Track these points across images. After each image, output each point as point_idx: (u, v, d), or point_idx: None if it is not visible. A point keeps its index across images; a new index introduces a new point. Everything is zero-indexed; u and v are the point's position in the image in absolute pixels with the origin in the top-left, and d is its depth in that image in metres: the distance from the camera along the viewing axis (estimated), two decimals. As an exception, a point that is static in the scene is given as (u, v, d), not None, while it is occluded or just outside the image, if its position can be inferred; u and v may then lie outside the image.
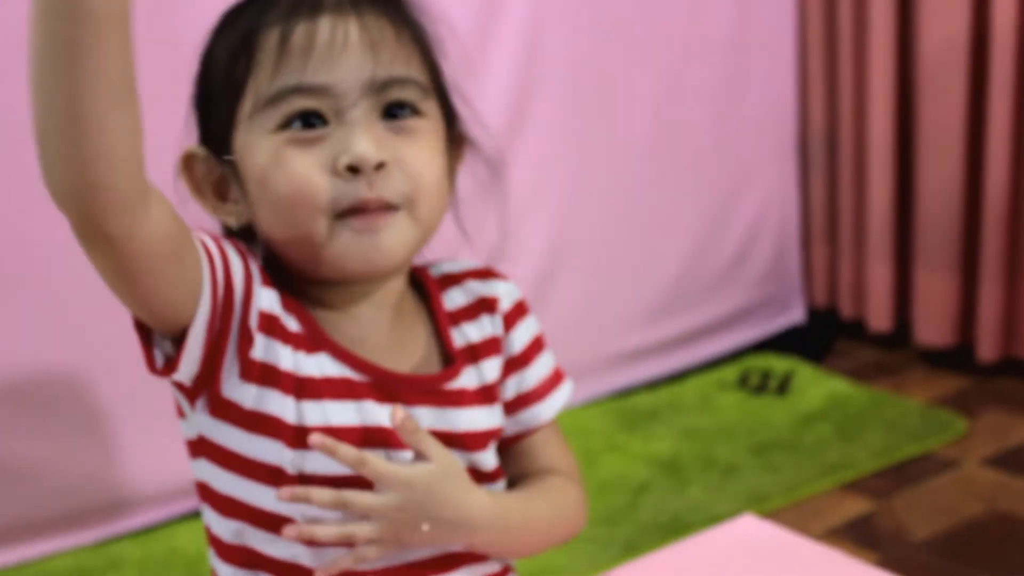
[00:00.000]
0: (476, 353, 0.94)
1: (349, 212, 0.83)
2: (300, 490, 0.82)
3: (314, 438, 0.81)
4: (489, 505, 0.88)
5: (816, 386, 2.15)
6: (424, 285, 0.95)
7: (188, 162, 0.89)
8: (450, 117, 0.92)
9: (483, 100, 0.99)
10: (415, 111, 0.86)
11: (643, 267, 2.22)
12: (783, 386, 2.15)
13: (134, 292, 0.76)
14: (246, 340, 0.82)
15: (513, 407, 0.96)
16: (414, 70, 0.86)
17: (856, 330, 2.41)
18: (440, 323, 0.94)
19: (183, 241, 0.77)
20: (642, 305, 2.23)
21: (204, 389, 0.83)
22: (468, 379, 0.92)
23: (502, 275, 0.99)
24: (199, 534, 1.65)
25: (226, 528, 0.87)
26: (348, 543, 0.83)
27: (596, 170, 2.14)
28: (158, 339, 0.81)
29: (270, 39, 0.83)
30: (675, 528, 1.65)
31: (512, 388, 0.96)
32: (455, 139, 0.93)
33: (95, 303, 1.61)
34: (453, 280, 0.97)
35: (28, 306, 1.59)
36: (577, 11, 2.06)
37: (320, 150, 0.83)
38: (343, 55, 0.83)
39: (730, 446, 1.91)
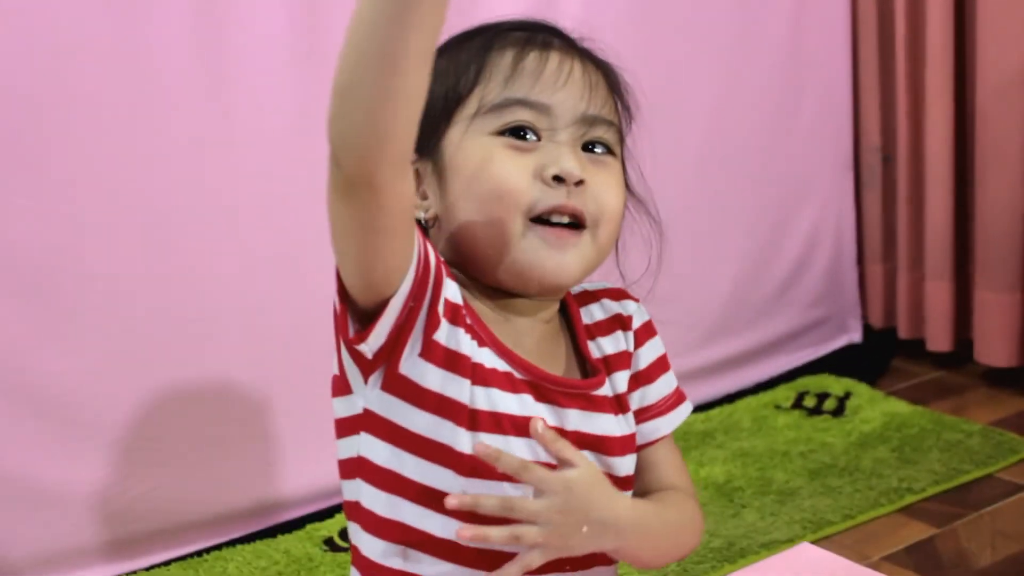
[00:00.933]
0: (610, 365, 1.02)
1: (543, 220, 0.93)
2: (468, 498, 0.87)
3: (479, 447, 0.86)
4: (633, 509, 0.94)
5: (874, 407, 2.10)
6: (565, 300, 1.03)
7: None
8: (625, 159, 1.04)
9: None
10: (609, 151, 0.98)
11: (695, 286, 2.18)
12: (840, 408, 2.11)
13: (368, 251, 0.83)
14: (433, 322, 0.89)
15: (636, 419, 1.03)
16: (615, 116, 0.99)
17: (915, 350, 2.36)
18: (579, 335, 1.02)
19: (413, 214, 0.86)
20: (695, 325, 2.20)
21: (382, 363, 0.89)
22: (606, 388, 1.00)
23: (633, 296, 1.08)
24: (249, 560, 1.65)
25: (382, 501, 0.92)
26: (514, 545, 0.87)
27: (646, 189, 2.12)
28: (351, 317, 0.88)
29: (504, 59, 0.95)
30: (729, 553, 1.62)
31: (636, 401, 1.04)
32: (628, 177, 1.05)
33: (145, 322, 1.64)
34: (591, 297, 1.06)
35: (80, 332, 1.59)
36: (627, 25, 2.04)
37: (530, 158, 0.93)
38: (566, 85, 0.95)
39: (786, 469, 1.87)
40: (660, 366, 1.06)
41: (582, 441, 0.96)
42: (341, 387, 0.94)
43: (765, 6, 2.22)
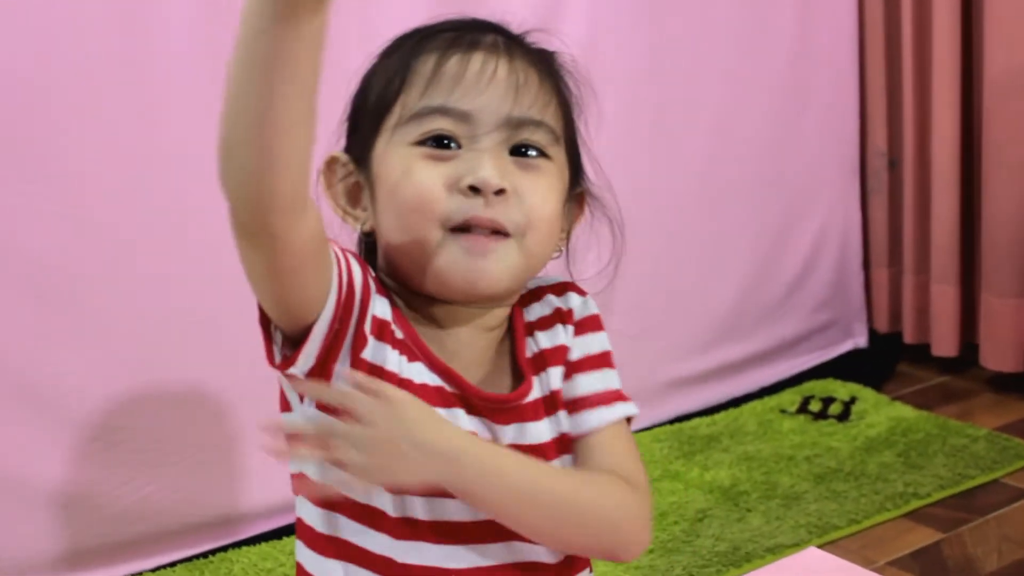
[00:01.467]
0: (544, 361, 0.97)
1: (461, 229, 0.89)
2: (309, 384, 0.88)
3: (299, 385, 0.87)
4: (476, 443, 0.88)
5: (879, 412, 2.10)
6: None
7: (329, 165, 0.97)
8: (576, 170, 0.99)
9: None
10: (542, 154, 0.93)
11: (701, 290, 2.19)
12: (845, 412, 2.11)
13: (279, 288, 0.83)
14: (360, 341, 0.88)
15: (571, 406, 0.97)
16: (549, 117, 0.93)
17: (920, 354, 2.36)
18: (517, 336, 0.98)
19: (325, 246, 0.85)
20: (700, 329, 2.20)
21: (315, 379, 0.89)
22: (536, 391, 0.96)
23: (580, 290, 1.03)
24: (255, 562, 1.65)
25: (320, 517, 0.92)
26: (334, 463, 0.83)
27: (652, 192, 2.12)
28: (276, 340, 0.88)
29: (426, 64, 0.91)
30: (735, 558, 1.62)
31: (567, 391, 0.97)
32: (579, 194, 1.00)
33: (154, 328, 1.64)
34: (534, 296, 1.01)
35: (88, 334, 1.59)
36: (633, 31, 2.04)
37: (448, 167, 0.90)
38: (488, 88, 0.90)
39: (791, 474, 1.87)
40: (599, 361, 0.99)
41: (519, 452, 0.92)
42: (284, 403, 0.94)
43: (771, 11, 2.22)
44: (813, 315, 2.37)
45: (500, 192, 0.89)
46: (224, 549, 1.70)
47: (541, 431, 0.95)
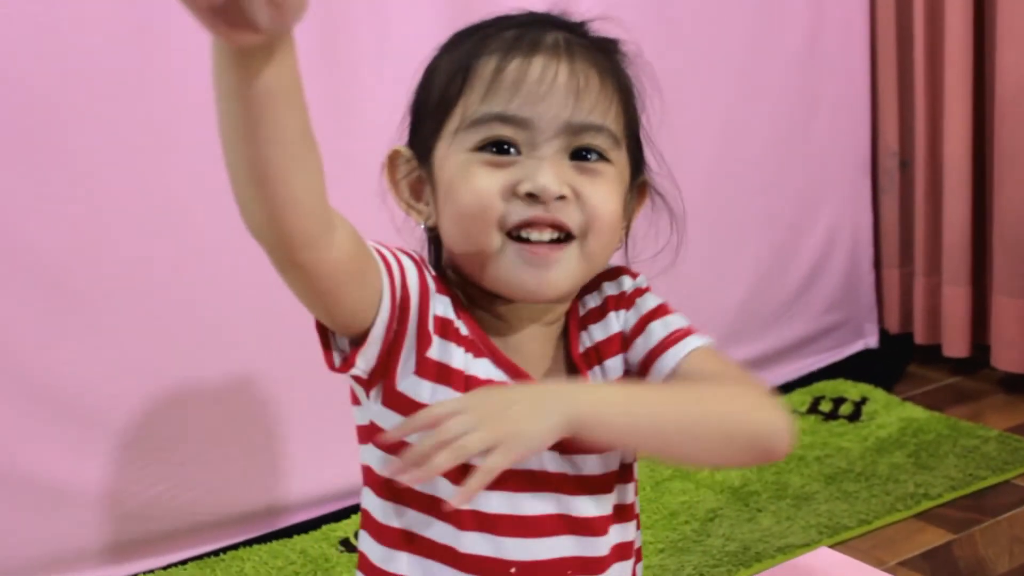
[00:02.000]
0: (599, 354, 0.99)
1: (521, 233, 0.89)
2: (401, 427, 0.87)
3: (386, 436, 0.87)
4: (578, 382, 0.94)
5: (890, 413, 2.10)
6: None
7: (393, 159, 0.97)
8: (638, 165, 0.99)
9: None
10: (603, 157, 0.92)
11: (711, 290, 2.19)
12: (856, 413, 2.11)
13: (323, 306, 0.84)
14: (424, 341, 0.89)
15: (641, 373, 0.97)
16: (610, 120, 0.93)
17: (931, 355, 2.36)
18: (571, 332, 0.99)
19: (365, 259, 0.85)
20: (710, 329, 2.13)
21: (379, 381, 0.90)
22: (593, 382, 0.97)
23: (632, 272, 1.03)
24: (266, 560, 1.66)
25: (383, 509, 0.94)
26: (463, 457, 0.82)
27: (662, 191, 2.12)
28: (336, 339, 0.88)
29: (487, 67, 0.91)
30: (745, 558, 1.62)
31: (635, 357, 0.98)
32: (640, 186, 1.01)
33: (164, 327, 1.65)
34: (590, 286, 1.01)
35: (100, 331, 1.60)
36: (642, 26, 2.02)
37: (507, 174, 0.89)
38: (548, 94, 0.89)
39: (802, 474, 1.87)
40: (654, 314, 0.99)
41: (568, 447, 0.93)
42: (354, 397, 0.96)
43: (783, 10, 2.22)
44: (824, 315, 2.37)
45: (560, 198, 0.89)
46: (235, 547, 1.71)
47: None
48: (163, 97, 1.59)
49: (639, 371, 0.98)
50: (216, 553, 1.69)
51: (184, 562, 1.67)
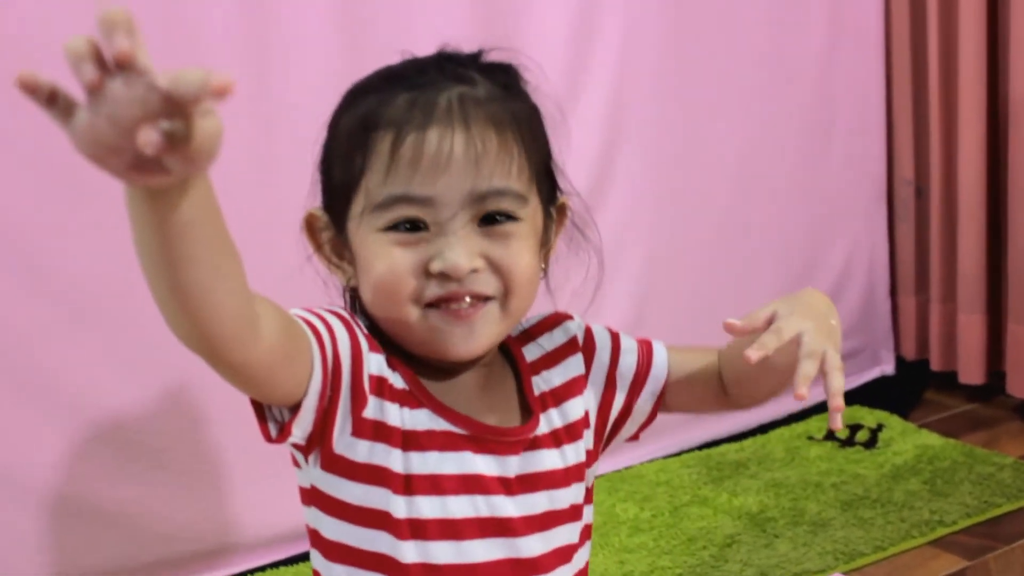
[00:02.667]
0: (559, 396, 1.03)
1: (438, 303, 0.92)
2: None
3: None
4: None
5: (906, 440, 2.12)
6: (506, 343, 1.03)
7: (311, 223, 1.00)
8: (552, 193, 1.00)
9: (568, 154, 1.05)
10: (511, 217, 0.93)
11: (728, 317, 2.20)
12: (872, 439, 2.13)
13: (259, 391, 0.85)
14: (359, 402, 0.91)
15: (633, 396, 1.07)
16: (513, 178, 0.92)
17: (947, 382, 2.38)
18: (523, 375, 1.02)
19: (293, 338, 0.85)
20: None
21: (316, 446, 0.92)
22: (545, 424, 1.01)
23: (567, 315, 1.09)
24: (292, 582, 1.69)
25: (332, 572, 0.95)
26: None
27: (680, 222, 2.15)
28: (270, 409, 0.89)
29: (383, 143, 0.90)
30: (762, 583, 1.64)
31: (621, 393, 1.06)
32: (558, 209, 1.02)
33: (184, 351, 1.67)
34: (529, 336, 1.06)
35: (137, 351, 1.63)
36: (660, 58, 2.08)
37: (418, 252, 0.91)
38: (447, 168, 0.89)
39: (818, 500, 1.89)
40: (615, 351, 1.07)
41: (526, 482, 0.98)
42: (294, 460, 0.97)
43: (797, 39, 2.25)
44: (841, 342, 2.38)
45: (472, 271, 0.91)
46: (262, 569, 1.74)
47: (553, 459, 1.00)
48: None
49: (628, 397, 1.07)
50: (251, 573, 1.72)
51: (211, 584, 1.71)
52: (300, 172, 1.02)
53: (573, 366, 1.05)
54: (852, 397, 2.34)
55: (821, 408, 2.29)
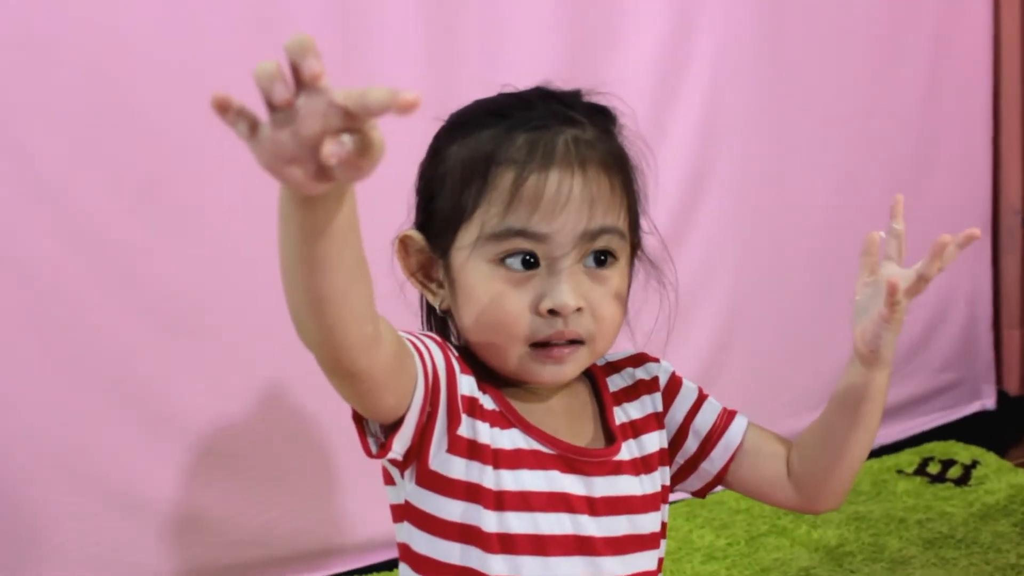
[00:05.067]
0: (637, 428, 1.07)
1: (541, 344, 0.97)
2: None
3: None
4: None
5: (1000, 478, 2.04)
6: (592, 372, 1.08)
7: (404, 242, 1.03)
8: (637, 238, 1.05)
9: (658, 174, 1.09)
10: (613, 256, 0.99)
11: (819, 347, 2.16)
12: (965, 476, 2.06)
13: (370, 402, 0.89)
14: (455, 420, 0.95)
15: (704, 451, 1.10)
16: (620, 218, 0.99)
17: (1051, 420, 2.29)
18: (606, 403, 1.07)
19: (405, 352, 0.90)
20: (817, 386, 2.17)
21: (413, 461, 0.96)
22: (626, 452, 1.05)
23: (654, 358, 1.13)
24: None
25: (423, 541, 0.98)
26: None
27: (772, 245, 2.12)
28: (368, 425, 0.93)
29: (504, 179, 0.95)
30: (833, 620, 1.60)
31: (693, 441, 1.10)
32: (640, 246, 1.07)
33: (283, 359, 1.71)
34: (614, 368, 1.11)
35: (221, 362, 1.67)
36: (755, 79, 2.05)
37: (529, 289, 0.96)
38: (565, 208, 0.95)
39: (900, 537, 1.84)
40: (698, 404, 1.11)
41: (609, 504, 1.01)
42: (387, 477, 1.01)
43: (901, 62, 2.19)
44: (938, 374, 2.32)
45: (577, 311, 0.97)
46: (360, 572, 1.77)
47: (632, 485, 1.04)
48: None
49: (699, 450, 1.11)
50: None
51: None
52: (390, 198, 1.05)
53: (650, 403, 1.09)
54: (948, 432, 2.27)
55: (915, 441, 2.23)
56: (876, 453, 2.18)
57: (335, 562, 1.79)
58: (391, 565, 1.79)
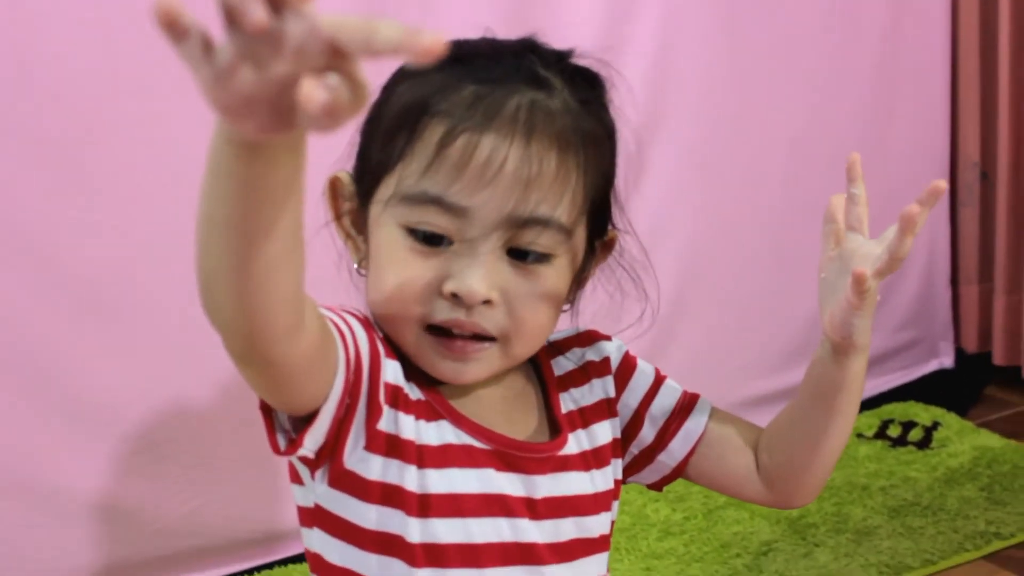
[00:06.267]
0: (587, 417, 0.95)
1: (439, 331, 0.84)
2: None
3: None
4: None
5: (963, 440, 1.98)
6: (535, 355, 0.95)
7: (335, 186, 0.90)
8: (602, 226, 0.91)
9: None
10: (544, 256, 0.85)
11: (774, 308, 2.09)
12: (926, 439, 2.00)
13: (280, 395, 0.77)
14: (374, 412, 0.82)
15: (662, 441, 0.98)
16: (562, 209, 0.84)
17: (1010, 378, 2.24)
18: (550, 390, 0.95)
19: (328, 339, 0.77)
20: (773, 348, 2.10)
21: (326, 460, 0.83)
22: (574, 444, 0.93)
23: (604, 336, 1.00)
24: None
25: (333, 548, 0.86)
26: None
27: (726, 204, 2.03)
28: (278, 417, 0.81)
29: (433, 133, 0.81)
30: (799, 597, 1.53)
31: (650, 430, 0.98)
32: (603, 244, 0.93)
33: (209, 337, 1.60)
34: (559, 349, 0.98)
35: (138, 348, 1.57)
36: (710, 37, 1.96)
37: (435, 265, 0.83)
38: (493, 182, 0.81)
39: (864, 505, 1.77)
40: (655, 388, 0.99)
41: (553, 506, 0.89)
42: (294, 475, 0.89)
43: (857, 15, 2.11)
44: (896, 333, 2.26)
45: (487, 302, 0.83)
46: (270, 566, 1.67)
47: (582, 483, 0.92)
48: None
49: (656, 439, 0.98)
50: (250, 572, 1.66)
51: (218, 580, 1.64)
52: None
53: (601, 388, 0.97)
54: (906, 392, 2.21)
55: (874, 403, 2.17)
56: (834, 417, 2.12)
57: (275, 549, 1.70)
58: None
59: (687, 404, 1.00)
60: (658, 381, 1.00)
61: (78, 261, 1.50)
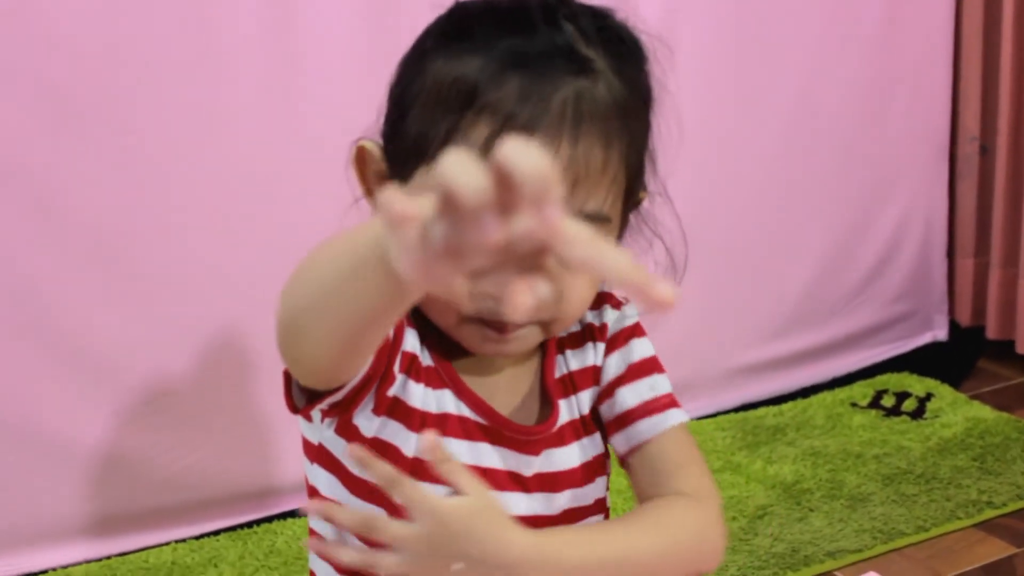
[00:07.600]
0: (573, 384, 0.94)
1: (480, 319, 0.84)
2: (325, 506, 0.81)
3: (354, 449, 0.76)
4: (533, 545, 0.79)
5: (956, 411, 2.00)
6: None
7: (361, 155, 0.88)
8: (635, 192, 0.88)
9: None
10: None
11: (775, 275, 2.10)
12: (920, 409, 2.02)
13: (315, 382, 0.79)
14: (388, 380, 0.84)
15: (615, 426, 0.94)
16: (609, 200, 0.82)
17: (1003, 351, 2.25)
18: (548, 356, 0.94)
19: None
20: (772, 315, 2.11)
21: (336, 414, 0.85)
22: (566, 413, 0.93)
23: (616, 300, 0.97)
24: (299, 535, 1.62)
25: (329, 531, 0.89)
26: (370, 572, 0.78)
27: (729, 170, 2.03)
28: (296, 380, 0.82)
29: (478, 131, 0.78)
30: (793, 560, 1.55)
31: (612, 408, 0.94)
32: (637, 201, 0.91)
33: (207, 297, 1.61)
34: None
35: (141, 299, 1.57)
36: (712, 6, 1.95)
37: None
38: None
39: (858, 473, 1.79)
40: (643, 368, 0.94)
41: (545, 481, 0.90)
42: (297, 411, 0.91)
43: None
44: (891, 305, 2.27)
45: None
46: (269, 520, 1.68)
47: (570, 457, 0.92)
48: (212, 67, 1.54)
49: (613, 423, 0.93)
50: (249, 525, 1.66)
51: (216, 532, 1.65)
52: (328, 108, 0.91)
53: (592, 354, 0.95)
54: (901, 363, 2.22)
55: (869, 373, 2.19)
56: (829, 385, 2.14)
57: (269, 503, 1.70)
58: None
59: (657, 407, 0.94)
60: (646, 368, 0.95)
61: (81, 211, 1.50)
